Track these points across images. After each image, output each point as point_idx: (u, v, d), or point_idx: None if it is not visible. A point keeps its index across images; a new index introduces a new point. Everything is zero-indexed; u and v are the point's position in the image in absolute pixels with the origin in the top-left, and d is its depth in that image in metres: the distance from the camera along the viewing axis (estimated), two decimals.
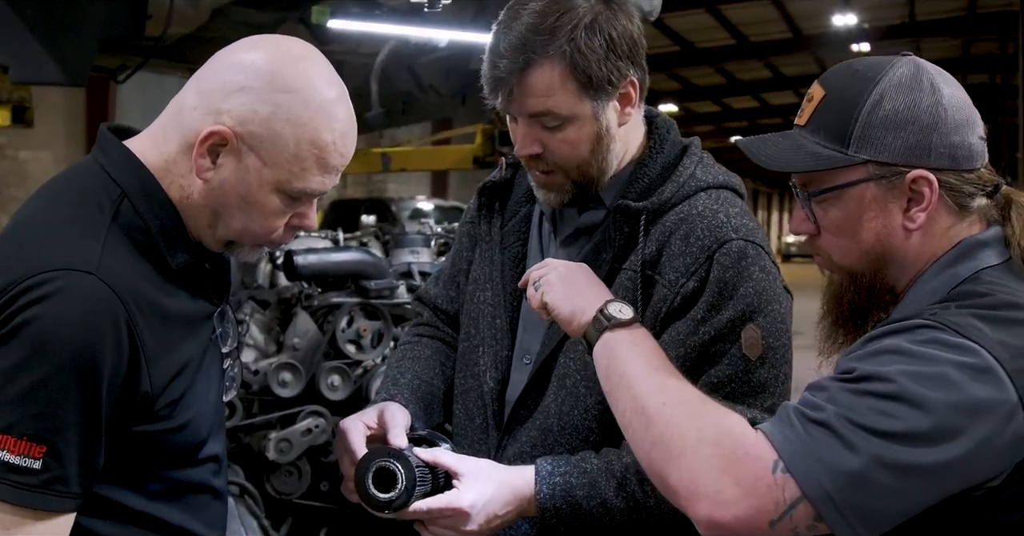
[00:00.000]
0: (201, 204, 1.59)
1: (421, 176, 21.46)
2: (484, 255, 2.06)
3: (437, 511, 1.71)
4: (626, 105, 1.85)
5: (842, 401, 1.33)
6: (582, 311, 1.65)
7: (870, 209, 1.48)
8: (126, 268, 1.50)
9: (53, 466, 1.41)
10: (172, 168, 1.58)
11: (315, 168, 1.56)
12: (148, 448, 1.55)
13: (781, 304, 1.80)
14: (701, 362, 1.75)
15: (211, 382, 1.67)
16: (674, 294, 1.79)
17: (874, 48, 21.36)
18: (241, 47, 1.58)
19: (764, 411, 1.74)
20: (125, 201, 1.55)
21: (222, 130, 1.51)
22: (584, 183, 1.87)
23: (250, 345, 3.70)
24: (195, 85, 1.57)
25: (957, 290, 1.44)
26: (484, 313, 2.00)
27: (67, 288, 1.42)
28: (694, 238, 1.80)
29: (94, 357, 1.42)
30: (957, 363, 1.30)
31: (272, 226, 1.61)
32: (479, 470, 1.77)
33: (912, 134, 1.45)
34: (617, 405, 1.54)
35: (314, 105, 1.54)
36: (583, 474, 1.75)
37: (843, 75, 1.54)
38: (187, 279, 1.61)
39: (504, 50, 1.77)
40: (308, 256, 3.74)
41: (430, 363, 2.12)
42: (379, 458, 1.72)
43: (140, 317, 1.49)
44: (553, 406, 1.86)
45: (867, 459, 1.28)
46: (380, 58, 4.38)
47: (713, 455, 1.36)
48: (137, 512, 1.58)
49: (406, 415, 1.92)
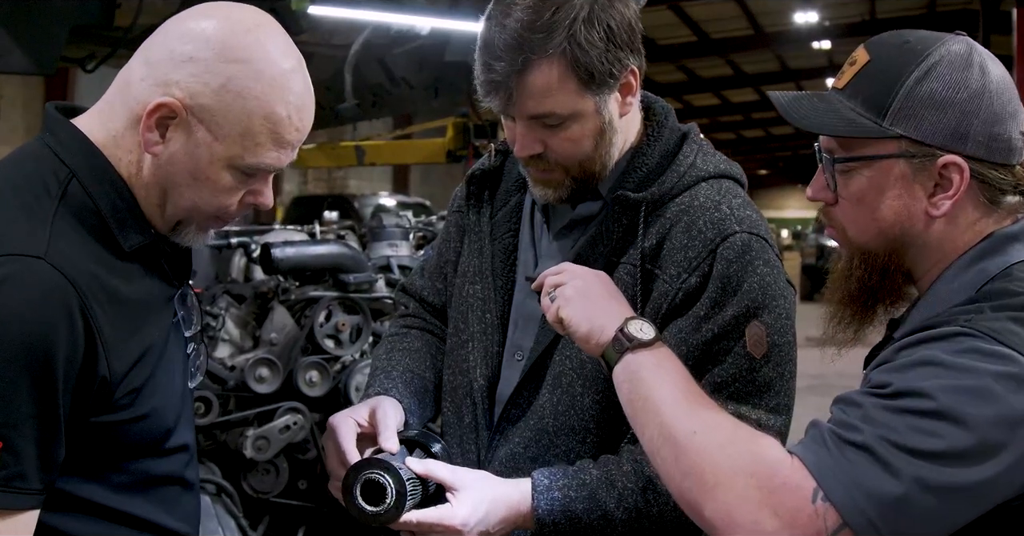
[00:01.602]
0: (150, 181, 1.53)
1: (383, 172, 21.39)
2: (473, 246, 1.99)
3: (428, 525, 1.66)
4: (627, 95, 1.79)
5: (880, 420, 1.27)
6: (601, 330, 1.56)
7: (894, 187, 1.43)
8: (77, 251, 1.45)
9: (10, 462, 1.37)
10: (120, 144, 1.53)
11: (269, 143, 1.51)
12: (111, 439, 1.51)
13: (786, 299, 1.75)
14: (704, 361, 1.70)
15: (175, 368, 1.62)
16: (676, 290, 1.73)
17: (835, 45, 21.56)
18: (191, 15, 1.52)
19: (769, 411, 1.71)
20: (74, 182, 1.50)
21: (170, 102, 1.46)
22: (584, 179, 1.81)
23: (225, 340, 3.66)
24: (143, 55, 1.51)
25: (987, 288, 1.39)
26: (473, 307, 1.94)
27: (14, 275, 1.37)
28: (696, 231, 1.74)
29: (47, 347, 1.38)
30: (997, 373, 1.25)
31: (223, 204, 1.56)
32: (473, 484, 1.71)
33: (953, 117, 1.39)
34: (643, 432, 1.46)
35: (267, 77, 1.48)
36: (582, 487, 1.70)
37: (892, 43, 1.47)
38: (143, 261, 1.56)
39: (500, 51, 1.68)
40: (286, 249, 3.70)
41: (421, 356, 2.05)
42: (368, 470, 1.67)
43: (95, 302, 1.44)
44: (548, 406, 1.81)
45: (909, 482, 1.23)
46: (354, 49, 4.33)
47: (749, 486, 1.29)
48: (103, 506, 1.53)
49: (399, 413, 1.86)
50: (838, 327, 1.55)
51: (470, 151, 7.66)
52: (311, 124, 1.58)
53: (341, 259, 3.80)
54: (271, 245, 3.70)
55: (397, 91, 5.76)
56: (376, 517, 1.65)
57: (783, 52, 23.35)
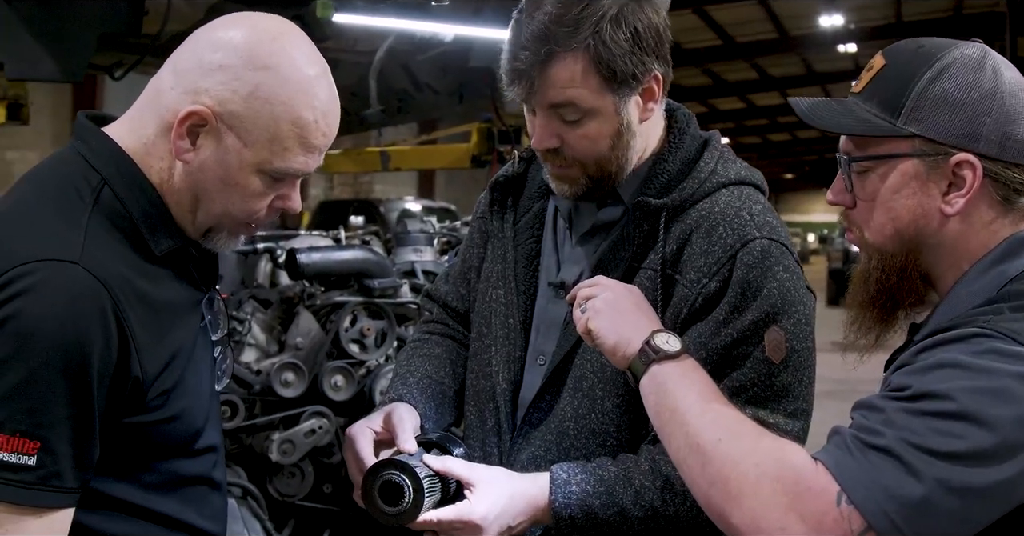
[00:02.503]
0: (182, 187, 1.56)
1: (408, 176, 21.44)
2: (496, 252, 2.01)
3: (448, 523, 1.68)
4: (649, 100, 1.80)
5: (901, 423, 1.28)
6: (628, 342, 1.58)
7: (909, 185, 1.44)
8: (109, 256, 1.48)
9: (47, 462, 1.40)
10: (151, 151, 1.56)
11: (297, 148, 1.53)
12: (142, 439, 1.54)
13: (805, 305, 1.75)
14: (723, 365, 1.71)
15: (203, 371, 1.65)
16: (695, 294, 1.74)
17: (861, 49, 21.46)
18: (218, 25, 1.55)
19: (787, 416, 1.71)
20: (105, 188, 1.53)
21: (200, 110, 1.49)
22: (601, 178, 1.82)
23: (252, 344, 3.68)
24: (172, 65, 1.54)
25: (1006, 290, 1.39)
26: (497, 312, 1.96)
27: (49, 279, 1.40)
28: (716, 237, 1.75)
29: (82, 349, 1.40)
30: (1016, 374, 1.26)
31: (254, 208, 1.59)
32: (492, 480, 1.72)
33: (964, 116, 1.40)
34: (670, 442, 1.48)
35: (293, 83, 1.51)
36: (600, 482, 1.71)
37: (907, 48, 1.50)
38: (173, 265, 1.59)
39: (526, 41, 1.71)
40: (312, 255, 3.72)
41: (440, 361, 2.07)
42: (385, 471, 1.68)
43: (127, 305, 1.47)
44: (569, 409, 1.82)
45: (932, 484, 1.24)
46: (379, 55, 4.36)
47: (775, 492, 1.31)
48: (135, 505, 1.56)
49: (415, 417, 1.89)
50: (859, 332, 1.56)
51: (494, 156, 7.69)
52: (337, 129, 1.60)
53: (366, 264, 3.82)
54: (296, 250, 3.73)
55: (422, 97, 5.80)
56: (397, 517, 1.67)
57: (808, 55, 23.26)
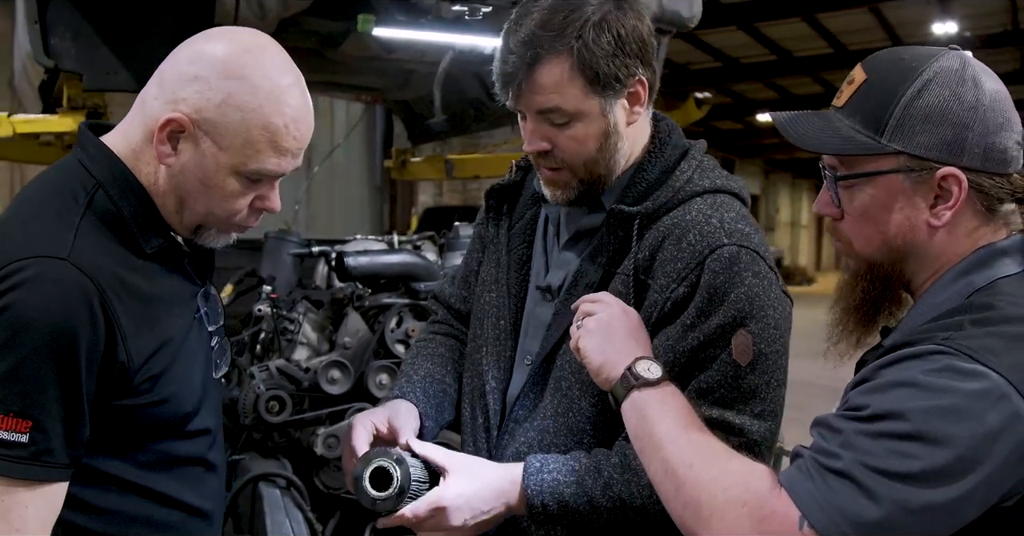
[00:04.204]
0: (167, 189, 1.68)
1: None
2: (491, 257, 2.09)
3: (422, 513, 1.74)
4: (635, 104, 1.86)
5: (858, 445, 1.31)
6: (612, 365, 1.66)
7: (897, 200, 1.46)
8: (99, 253, 1.61)
9: (39, 439, 1.52)
10: (140, 157, 1.69)
11: (269, 151, 1.65)
12: (133, 421, 1.65)
13: (776, 309, 1.78)
14: (691, 367, 1.75)
15: (195, 359, 1.76)
16: (665, 299, 1.78)
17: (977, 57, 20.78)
18: (198, 39, 1.68)
19: (754, 416, 1.74)
20: (100, 191, 1.66)
21: (179, 117, 1.61)
22: (591, 181, 1.88)
23: (303, 343, 3.78)
24: (158, 76, 1.67)
25: (971, 300, 1.42)
26: (489, 314, 2.04)
27: (41, 274, 1.53)
28: (686, 243, 1.79)
29: (70, 337, 1.53)
30: (972, 392, 1.28)
31: (233, 208, 1.71)
32: (465, 467, 1.80)
33: (948, 130, 1.42)
34: (649, 466, 1.55)
35: (264, 91, 1.62)
36: (571, 472, 1.77)
37: (887, 62, 1.51)
38: (164, 262, 1.71)
39: (514, 46, 1.79)
40: (359, 258, 3.83)
41: (443, 360, 2.16)
42: (379, 458, 1.76)
43: (114, 297, 1.59)
44: (550, 407, 1.88)
45: (889, 506, 1.27)
46: (442, 66, 4.46)
47: (741, 516, 1.36)
48: (129, 482, 1.68)
49: (415, 416, 1.97)
50: (842, 334, 1.59)
51: None
52: (310, 134, 1.72)
53: (413, 268, 3.91)
54: (345, 254, 3.84)
55: (495, 105, 5.85)
56: (377, 502, 1.73)
57: None
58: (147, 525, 1.71)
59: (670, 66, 22.65)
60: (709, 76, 22.62)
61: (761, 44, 20.23)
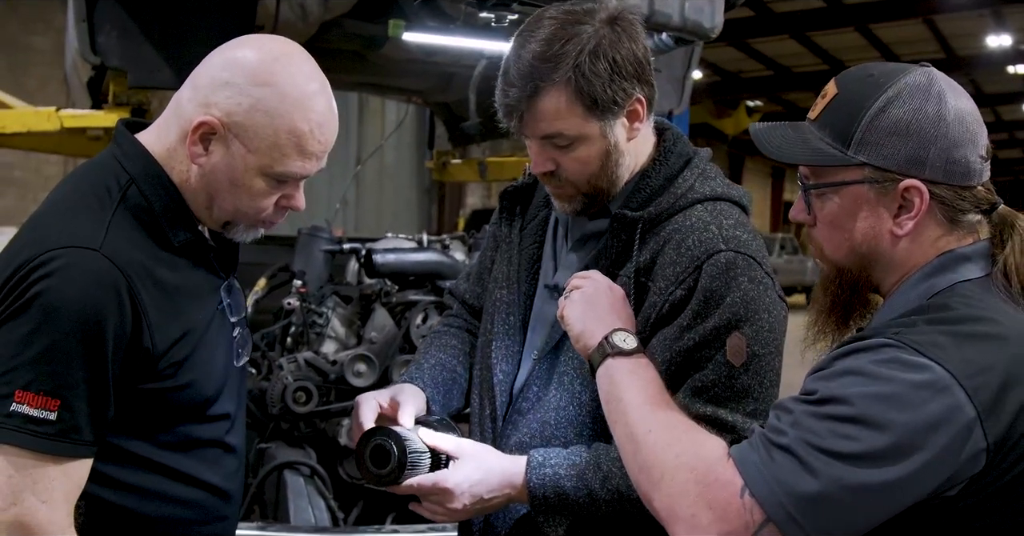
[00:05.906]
0: (198, 187, 1.77)
1: None
2: (504, 256, 2.17)
3: (426, 488, 1.83)
4: (634, 121, 1.91)
5: (804, 425, 1.37)
6: (591, 334, 1.74)
7: (862, 209, 1.51)
8: (129, 245, 1.69)
9: (67, 417, 1.60)
10: (173, 155, 1.77)
11: (294, 154, 1.74)
12: (157, 403, 1.74)
13: (771, 313, 1.83)
14: (686, 367, 1.80)
15: (217, 347, 1.85)
16: (663, 301, 1.84)
17: None
18: (230, 46, 1.77)
19: (747, 415, 1.79)
20: (133, 186, 1.75)
21: (210, 120, 1.70)
22: (595, 194, 1.95)
23: (331, 337, 3.87)
24: (192, 80, 1.76)
25: (930, 301, 1.48)
26: (500, 310, 2.11)
27: (72, 263, 1.62)
28: (685, 248, 1.84)
29: (99, 322, 1.61)
30: (914, 383, 1.33)
31: (260, 207, 1.79)
32: (474, 454, 1.88)
33: (911, 144, 1.47)
34: (614, 429, 1.62)
35: (291, 98, 1.71)
36: (572, 466, 1.84)
37: (857, 77, 1.56)
38: (191, 255, 1.80)
39: (514, 78, 1.84)
40: (387, 256, 3.92)
41: (455, 351, 2.24)
42: (378, 436, 1.85)
43: (141, 287, 1.67)
44: (552, 400, 1.95)
45: (827, 481, 1.33)
46: (477, 70, 4.54)
47: (688, 480, 1.43)
48: (152, 461, 1.77)
49: (420, 399, 2.05)
50: (817, 336, 1.65)
51: None
52: (334, 138, 1.80)
53: (439, 266, 4.00)
54: (373, 251, 3.94)
55: None
56: (378, 477, 1.82)
57: (977, 76, 22.36)
58: (167, 501, 1.80)
59: (721, 74, 22.57)
60: (761, 84, 22.52)
61: (813, 53, 20.09)
